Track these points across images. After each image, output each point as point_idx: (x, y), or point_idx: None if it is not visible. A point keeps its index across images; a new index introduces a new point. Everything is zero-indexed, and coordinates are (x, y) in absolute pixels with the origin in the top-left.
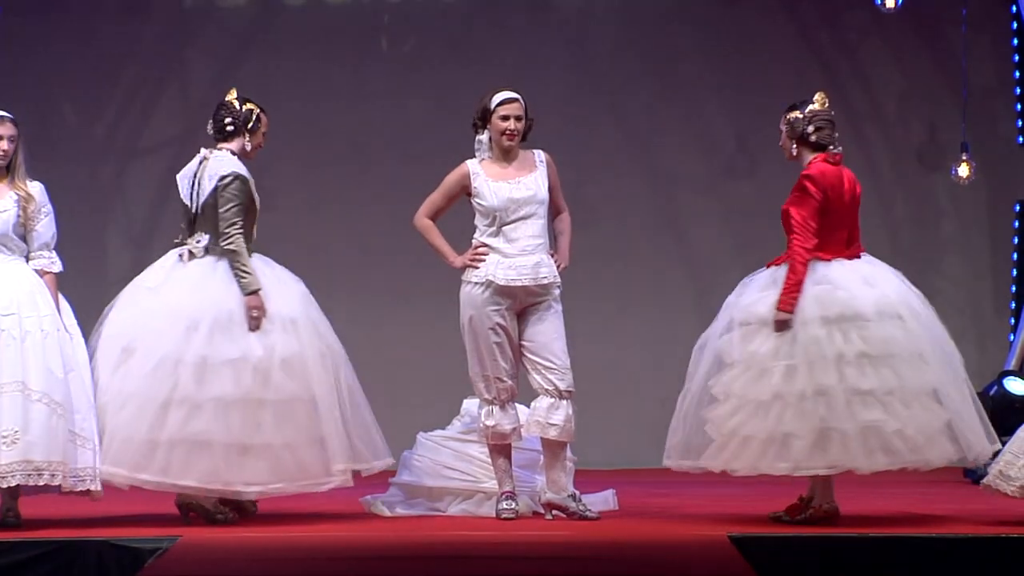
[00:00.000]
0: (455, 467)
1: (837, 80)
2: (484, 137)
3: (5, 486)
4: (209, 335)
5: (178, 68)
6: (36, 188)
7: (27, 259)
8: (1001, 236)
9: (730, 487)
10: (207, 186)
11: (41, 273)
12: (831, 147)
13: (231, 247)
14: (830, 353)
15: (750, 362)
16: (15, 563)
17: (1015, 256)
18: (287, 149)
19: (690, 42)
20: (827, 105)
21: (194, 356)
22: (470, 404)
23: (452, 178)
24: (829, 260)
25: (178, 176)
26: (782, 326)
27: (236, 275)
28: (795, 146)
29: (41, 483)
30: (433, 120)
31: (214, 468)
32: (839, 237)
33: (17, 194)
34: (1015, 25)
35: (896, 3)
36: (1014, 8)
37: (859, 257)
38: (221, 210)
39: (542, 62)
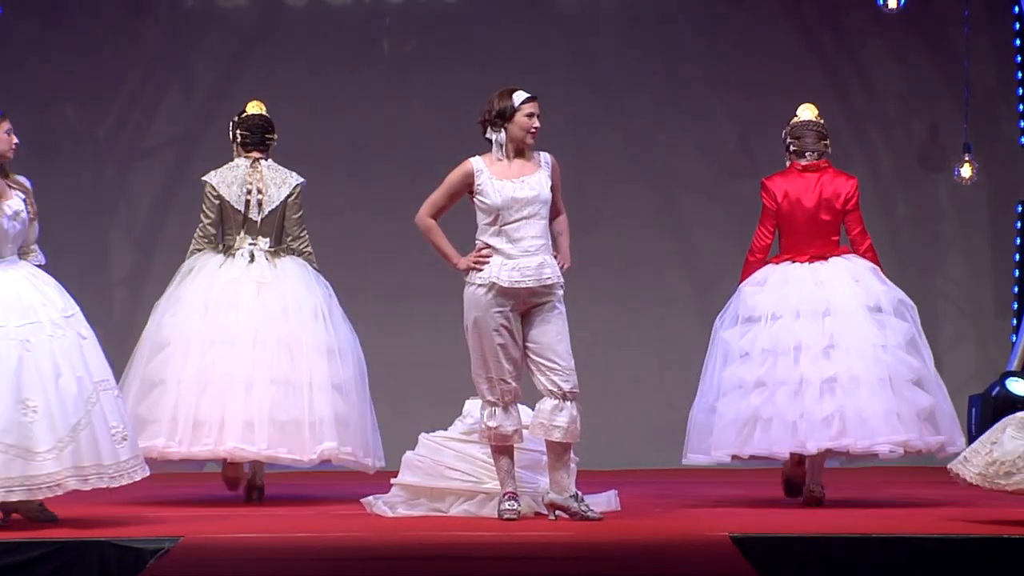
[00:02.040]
0: (457, 468)
1: (838, 80)
2: (503, 136)
3: (61, 493)
4: (335, 324)
5: (180, 69)
6: (27, 182)
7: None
8: (1003, 236)
9: (730, 487)
10: (275, 193)
11: None
12: (807, 154)
13: (310, 248)
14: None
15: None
16: (16, 563)
17: (1017, 256)
18: (288, 149)
19: (692, 42)
20: (811, 115)
21: (333, 343)
22: (472, 405)
23: (455, 176)
24: (778, 263)
25: (214, 181)
26: None
27: (316, 271)
28: (786, 156)
29: (88, 488)
30: (434, 121)
31: (360, 441)
32: (805, 239)
33: (19, 191)
34: (1017, 26)
35: (898, 3)
36: (1016, 9)
37: (825, 259)
38: (295, 215)
39: (543, 62)
